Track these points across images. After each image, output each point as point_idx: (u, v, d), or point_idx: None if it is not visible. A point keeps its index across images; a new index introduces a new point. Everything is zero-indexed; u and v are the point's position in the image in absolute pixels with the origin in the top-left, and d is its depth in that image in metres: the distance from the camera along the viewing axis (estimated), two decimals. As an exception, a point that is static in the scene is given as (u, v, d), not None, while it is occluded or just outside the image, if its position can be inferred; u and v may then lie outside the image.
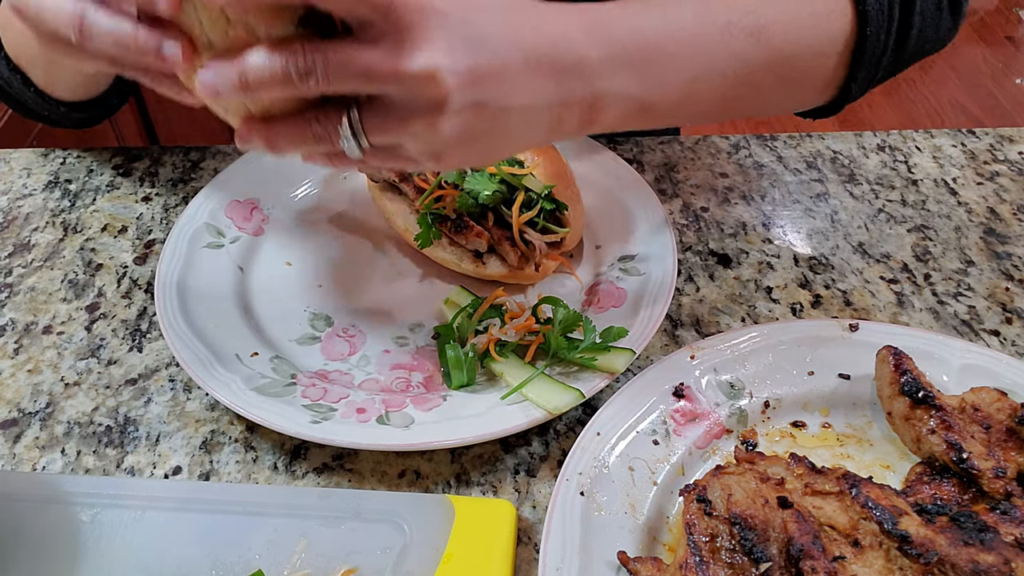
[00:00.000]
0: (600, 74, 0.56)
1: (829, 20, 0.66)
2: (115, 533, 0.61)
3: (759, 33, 0.62)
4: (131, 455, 0.70)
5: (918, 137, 1.05)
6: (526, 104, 0.54)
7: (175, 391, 0.76)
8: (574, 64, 0.55)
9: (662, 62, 0.60)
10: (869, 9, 0.65)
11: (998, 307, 0.82)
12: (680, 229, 0.92)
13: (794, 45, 0.65)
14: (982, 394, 0.65)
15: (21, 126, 1.72)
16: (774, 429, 0.68)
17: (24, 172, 1.02)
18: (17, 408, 0.74)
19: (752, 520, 0.54)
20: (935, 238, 0.90)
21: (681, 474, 0.65)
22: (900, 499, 0.57)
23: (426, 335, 0.79)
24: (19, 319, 0.83)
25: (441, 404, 0.69)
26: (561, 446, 0.70)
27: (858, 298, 0.83)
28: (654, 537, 0.61)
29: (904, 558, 0.53)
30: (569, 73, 0.55)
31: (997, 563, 0.52)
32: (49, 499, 0.64)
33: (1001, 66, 3.43)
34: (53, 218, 0.95)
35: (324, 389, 0.71)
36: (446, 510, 0.62)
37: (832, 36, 0.67)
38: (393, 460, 0.69)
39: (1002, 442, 0.62)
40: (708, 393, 0.69)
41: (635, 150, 1.02)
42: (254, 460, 0.70)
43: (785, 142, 1.04)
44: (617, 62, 0.57)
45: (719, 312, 0.82)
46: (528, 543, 0.63)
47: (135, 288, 0.86)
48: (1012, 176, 0.99)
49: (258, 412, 0.67)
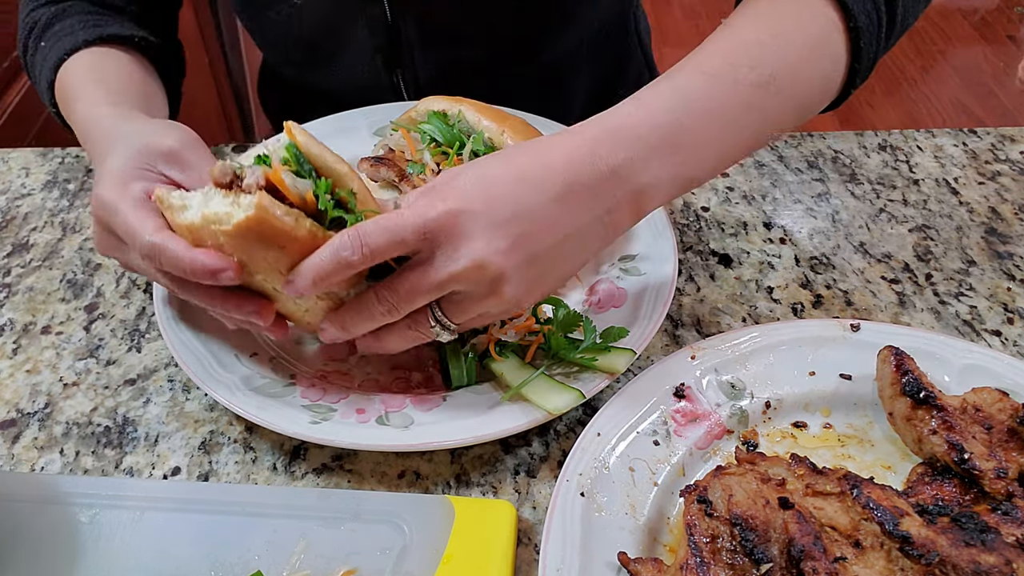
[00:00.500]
0: (638, 171, 0.60)
1: (828, 46, 0.66)
2: (114, 534, 0.61)
3: (769, 84, 0.63)
4: (130, 456, 0.70)
5: (919, 137, 1.04)
6: (573, 231, 0.60)
7: (174, 391, 0.75)
8: (609, 173, 0.59)
9: (691, 142, 0.61)
10: (860, 25, 0.66)
11: (1000, 307, 0.82)
12: (681, 229, 0.91)
13: (804, 84, 0.66)
14: (983, 394, 0.64)
15: (20, 126, 1.72)
16: (775, 429, 0.68)
17: (23, 172, 1.02)
18: (16, 408, 0.74)
19: (753, 521, 0.54)
20: (936, 238, 0.90)
21: (682, 475, 0.64)
22: (901, 500, 0.57)
23: (426, 335, 0.78)
24: (18, 319, 0.83)
25: (441, 404, 0.69)
26: (561, 446, 0.70)
27: (859, 298, 0.83)
28: (655, 538, 0.61)
29: (905, 559, 0.53)
30: (606, 184, 0.59)
31: (998, 564, 0.51)
32: (48, 500, 0.64)
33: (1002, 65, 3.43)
34: (52, 218, 0.95)
35: (323, 389, 0.71)
36: (446, 511, 0.61)
37: (833, 59, 0.67)
38: (393, 460, 0.69)
39: (1003, 443, 0.62)
40: (709, 393, 0.69)
41: (635, 149, 1.02)
42: (253, 461, 0.70)
43: (786, 141, 1.04)
44: (651, 155, 0.60)
45: (720, 312, 0.82)
46: (528, 544, 0.63)
47: (134, 288, 0.86)
48: (1014, 176, 0.98)
49: (257, 412, 0.67)
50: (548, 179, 0.58)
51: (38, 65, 0.89)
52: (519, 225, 0.57)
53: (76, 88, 0.82)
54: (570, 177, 0.58)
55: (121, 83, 0.84)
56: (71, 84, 0.83)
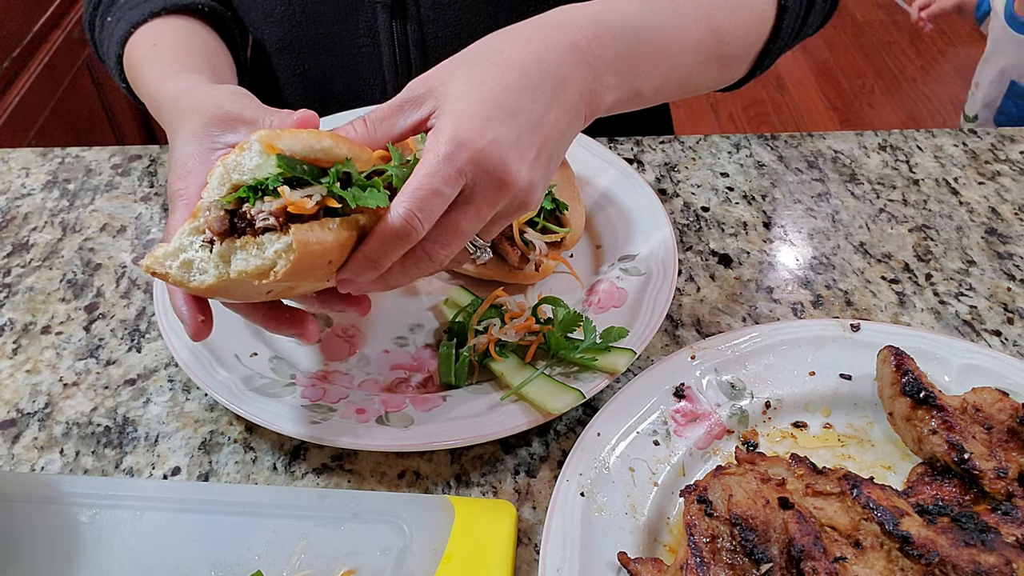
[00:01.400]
0: (607, 69, 0.64)
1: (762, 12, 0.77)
2: (114, 534, 0.61)
3: (715, 31, 0.72)
4: (130, 456, 0.70)
5: (919, 136, 1.04)
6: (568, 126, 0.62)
7: (174, 391, 0.75)
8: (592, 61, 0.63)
9: (650, 56, 0.67)
10: (789, 4, 0.77)
11: (1000, 307, 0.82)
12: (681, 229, 0.91)
13: (735, 34, 0.75)
14: (983, 394, 0.64)
15: (20, 125, 1.72)
16: (775, 429, 0.68)
17: (23, 172, 1.02)
18: (16, 408, 0.74)
19: (753, 521, 0.54)
20: (936, 238, 0.90)
21: (682, 475, 0.64)
22: (901, 500, 0.57)
23: (426, 335, 0.78)
24: (17, 319, 0.83)
25: (441, 404, 0.69)
26: (561, 446, 0.70)
27: (859, 298, 0.83)
28: (655, 538, 0.61)
29: (905, 559, 0.53)
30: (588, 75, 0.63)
31: (998, 564, 0.51)
32: (48, 500, 0.64)
33: (1002, 65, 3.43)
34: (52, 218, 0.95)
35: (324, 389, 0.71)
36: (446, 511, 0.61)
37: (761, 24, 0.77)
38: (393, 460, 0.69)
39: (1003, 442, 0.62)
40: (709, 393, 0.69)
41: (635, 150, 1.02)
42: (253, 461, 0.70)
43: (786, 141, 1.04)
44: (620, 59, 0.64)
45: (720, 312, 0.82)
46: (528, 544, 0.63)
47: (134, 288, 0.86)
48: (1014, 176, 0.98)
49: (257, 412, 0.67)
50: (544, 79, 0.59)
51: (105, 41, 0.89)
52: (537, 133, 0.58)
53: (143, 62, 0.81)
54: (562, 73, 0.60)
55: (190, 53, 0.83)
56: (138, 57, 0.82)
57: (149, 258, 0.55)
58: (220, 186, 0.54)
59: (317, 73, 1.06)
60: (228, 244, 0.53)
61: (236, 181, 0.53)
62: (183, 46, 0.84)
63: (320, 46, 1.03)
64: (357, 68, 1.03)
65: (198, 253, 0.54)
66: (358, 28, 0.99)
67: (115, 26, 0.86)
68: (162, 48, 0.82)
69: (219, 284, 0.53)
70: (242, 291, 0.56)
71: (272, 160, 0.52)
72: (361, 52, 1.02)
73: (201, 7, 0.89)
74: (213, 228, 0.53)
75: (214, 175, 0.54)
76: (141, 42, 0.83)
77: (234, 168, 0.54)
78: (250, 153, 0.53)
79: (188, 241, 0.54)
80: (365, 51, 1.01)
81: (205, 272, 0.54)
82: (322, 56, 1.04)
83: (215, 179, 0.54)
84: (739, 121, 3.19)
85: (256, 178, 0.53)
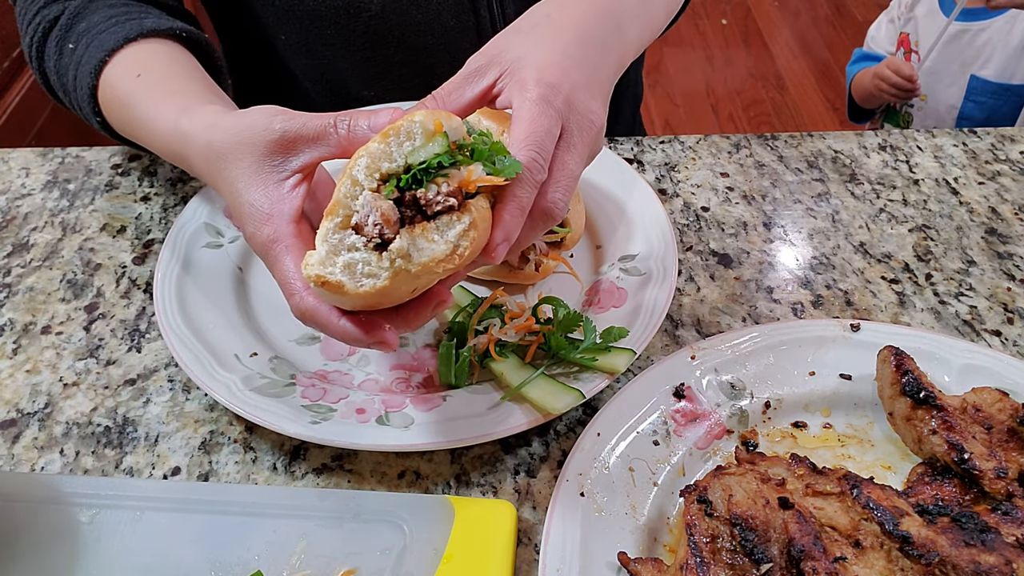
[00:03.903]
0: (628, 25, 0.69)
1: None
2: (114, 534, 0.61)
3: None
4: (130, 456, 0.70)
5: (919, 137, 1.04)
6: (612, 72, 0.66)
7: (174, 391, 0.75)
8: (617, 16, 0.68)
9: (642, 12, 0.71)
10: None
11: (1000, 307, 0.82)
12: (681, 229, 0.91)
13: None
14: (983, 394, 0.64)
15: (20, 125, 1.72)
16: (775, 429, 0.68)
17: (23, 172, 1.02)
18: (16, 408, 0.74)
19: (753, 521, 0.54)
20: (936, 238, 0.90)
21: (682, 475, 0.64)
22: (901, 500, 0.57)
23: (426, 335, 0.78)
24: (18, 319, 0.83)
25: (441, 404, 0.69)
26: (561, 446, 0.70)
27: (859, 298, 0.83)
28: (655, 538, 0.61)
29: (905, 559, 0.53)
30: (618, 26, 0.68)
31: (998, 564, 0.51)
32: (48, 500, 0.64)
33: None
34: (52, 218, 0.95)
35: (324, 389, 0.71)
36: (446, 511, 0.61)
37: None
38: (393, 460, 0.69)
39: (1003, 442, 0.62)
40: (709, 393, 0.69)
41: (635, 150, 1.02)
42: (253, 461, 0.70)
43: (786, 141, 1.04)
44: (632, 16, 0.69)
45: (720, 312, 0.82)
46: (528, 544, 0.63)
47: (134, 288, 0.86)
48: (1014, 176, 0.98)
49: (257, 412, 0.67)
50: (592, 35, 0.64)
51: (70, 70, 0.80)
52: (598, 81, 0.62)
53: (132, 96, 0.73)
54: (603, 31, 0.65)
55: (189, 81, 0.75)
56: (124, 91, 0.74)
57: (312, 269, 0.50)
58: (368, 178, 0.51)
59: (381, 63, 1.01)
60: (407, 234, 0.50)
61: (387, 170, 0.51)
62: (175, 75, 0.76)
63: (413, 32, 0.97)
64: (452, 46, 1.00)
65: (361, 254, 0.50)
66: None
67: (83, 54, 0.78)
68: (152, 79, 0.75)
69: (391, 285, 0.50)
70: (397, 293, 0.52)
71: (439, 141, 0.50)
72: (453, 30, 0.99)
73: (179, 32, 0.81)
74: (388, 220, 0.50)
75: (355, 169, 0.51)
76: (121, 73, 0.76)
77: (386, 156, 0.51)
78: (411, 138, 0.51)
79: (347, 241, 0.50)
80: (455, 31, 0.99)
81: (374, 275, 0.50)
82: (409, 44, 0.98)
83: (359, 172, 0.51)
84: (739, 121, 3.19)
85: (426, 161, 0.50)
